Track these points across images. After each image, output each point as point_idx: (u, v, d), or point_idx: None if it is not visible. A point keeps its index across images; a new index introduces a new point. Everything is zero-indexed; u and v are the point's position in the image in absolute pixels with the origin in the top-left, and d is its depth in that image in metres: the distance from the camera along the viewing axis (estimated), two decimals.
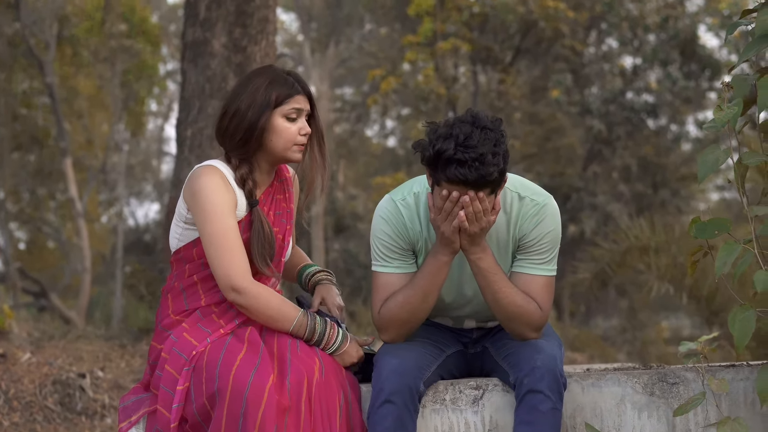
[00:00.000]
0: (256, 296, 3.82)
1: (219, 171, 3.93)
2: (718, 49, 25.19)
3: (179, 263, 4.02)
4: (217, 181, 3.89)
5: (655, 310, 25.35)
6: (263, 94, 3.94)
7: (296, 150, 4.00)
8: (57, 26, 21.91)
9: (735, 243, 3.58)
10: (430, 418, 3.86)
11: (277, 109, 3.95)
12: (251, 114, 3.93)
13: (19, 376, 8.32)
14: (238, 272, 3.81)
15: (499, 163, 3.57)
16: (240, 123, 3.95)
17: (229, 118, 3.98)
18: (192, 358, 3.73)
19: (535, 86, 26.18)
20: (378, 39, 29.09)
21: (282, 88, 3.97)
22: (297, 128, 3.98)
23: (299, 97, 4.00)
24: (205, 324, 3.87)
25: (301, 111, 4.00)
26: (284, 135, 3.96)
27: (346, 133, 30.79)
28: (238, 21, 9.32)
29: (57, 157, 23.21)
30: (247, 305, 3.82)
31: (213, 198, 3.86)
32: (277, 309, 3.85)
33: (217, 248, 3.83)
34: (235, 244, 3.84)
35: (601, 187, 24.58)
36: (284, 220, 4.09)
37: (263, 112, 3.93)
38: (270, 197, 4.08)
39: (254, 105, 3.94)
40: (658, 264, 11.69)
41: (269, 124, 3.95)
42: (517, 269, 3.88)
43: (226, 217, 3.86)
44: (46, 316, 18.06)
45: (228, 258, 3.82)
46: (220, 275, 3.83)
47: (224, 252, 3.82)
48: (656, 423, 3.84)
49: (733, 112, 3.61)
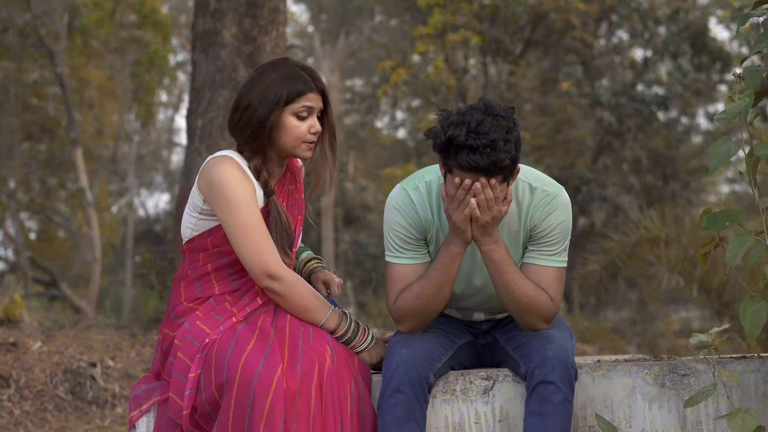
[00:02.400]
0: (292, 284, 3.84)
1: (235, 161, 3.93)
2: (729, 41, 25.16)
3: (192, 252, 4.02)
4: (236, 172, 3.89)
5: (665, 303, 25.36)
6: (275, 90, 3.92)
7: (305, 148, 3.99)
8: (67, 17, 21.95)
9: (746, 234, 3.58)
10: (441, 409, 3.87)
11: (288, 107, 3.94)
12: (261, 110, 3.92)
13: (30, 365, 8.35)
14: (273, 259, 3.83)
15: (510, 150, 3.57)
16: (250, 118, 3.94)
17: (240, 112, 3.97)
18: (204, 346, 3.74)
19: (546, 78, 26.16)
20: (388, 30, 29.08)
21: (294, 85, 3.94)
22: (307, 126, 3.96)
23: (311, 95, 3.97)
24: (218, 312, 3.87)
25: (312, 109, 3.98)
26: (293, 133, 3.95)
27: (356, 124, 30.80)
28: (248, 12, 9.33)
29: (67, 147, 23.25)
30: (284, 292, 3.84)
31: (235, 188, 3.86)
32: (310, 299, 3.87)
33: (248, 237, 3.83)
34: (265, 232, 3.86)
35: (611, 179, 24.56)
36: (296, 210, 4.10)
37: (273, 110, 3.91)
38: (283, 188, 4.09)
39: (265, 101, 3.92)
40: (668, 256, 11.69)
41: (279, 121, 3.93)
42: (528, 260, 3.88)
43: (252, 206, 3.86)
44: (56, 306, 18.11)
45: (260, 246, 3.83)
46: (254, 263, 3.83)
47: (256, 240, 3.83)
48: (667, 414, 3.84)
49: (745, 104, 3.60)
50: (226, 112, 9.33)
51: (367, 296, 18.58)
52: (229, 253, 3.95)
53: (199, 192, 3.95)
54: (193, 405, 3.72)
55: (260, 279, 3.83)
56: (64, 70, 21.04)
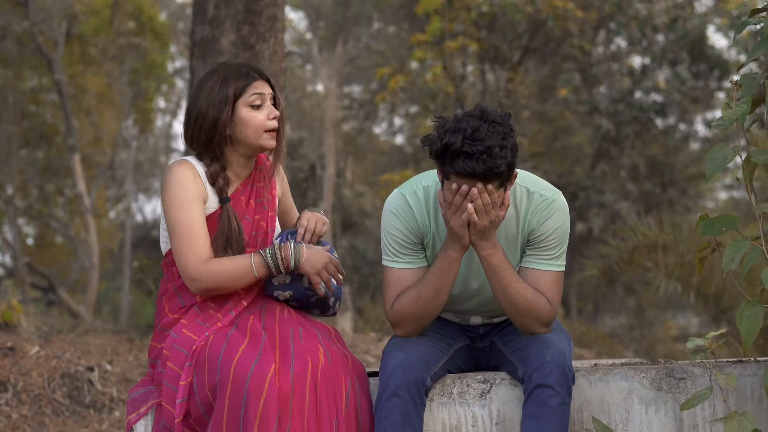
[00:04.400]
0: (209, 276, 3.84)
1: (189, 164, 3.96)
2: (727, 49, 25.19)
3: (168, 266, 4.05)
4: (184, 173, 3.92)
5: (662, 308, 25.36)
6: (219, 92, 3.95)
7: (267, 137, 4.00)
8: (65, 24, 21.98)
9: (743, 239, 3.59)
10: (438, 412, 3.88)
11: (239, 101, 3.96)
12: (212, 113, 3.94)
13: (28, 370, 8.35)
14: (191, 261, 3.84)
15: (506, 156, 3.58)
16: (203, 124, 3.96)
17: (192, 123, 3.99)
18: (193, 353, 3.74)
19: (544, 85, 26.21)
20: (386, 37, 29.11)
21: (237, 80, 3.98)
22: (265, 114, 3.99)
23: (257, 83, 4.00)
24: (203, 319, 3.88)
25: (264, 96, 4.00)
26: (252, 123, 3.96)
27: (354, 130, 30.83)
28: (246, 19, 9.34)
29: (65, 153, 23.28)
30: (207, 288, 3.86)
31: (177, 188, 3.89)
32: (232, 271, 3.86)
33: (179, 238, 3.87)
34: (194, 234, 3.86)
35: (609, 185, 24.59)
36: (266, 207, 4.09)
37: (223, 108, 3.93)
38: (249, 186, 4.09)
39: (213, 104, 3.94)
40: (665, 262, 11.69)
41: (235, 116, 3.95)
42: (526, 264, 3.89)
43: (186, 207, 3.88)
44: (54, 311, 18.12)
45: (184, 248, 3.85)
46: (179, 265, 3.87)
47: (184, 241, 3.86)
48: (663, 417, 3.85)
49: (742, 110, 3.62)
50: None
51: (364, 301, 18.57)
52: None
53: (161, 201, 3.98)
54: (187, 409, 3.73)
55: (186, 282, 3.87)
56: (62, 77, 21.06)
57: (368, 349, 10.90)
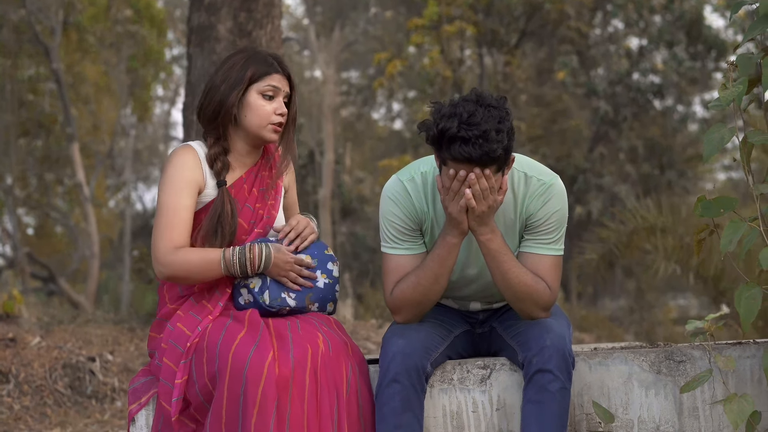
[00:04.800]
0: (180, 264, 3.84)
1: (192, 150, 3.97)
2: (724, 29, 25.18)
3: None
4: (185, 159, 3.94)
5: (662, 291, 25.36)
6: (239, 70, 3.96)
7: (270, 130, 4.00)
8: (62, 12, 21.93)
9: (740, 221, 3.59)
10: (438, 398, 3.89)
11: (253, 86, 3.97)
12: (224, 88, 3.95)
13: (29, 360, 8.36)
14: (160, 246, 3.84)
15: (503, 140, 3.57)
16: (214, 97, 3.97)
17: (205, 94, 4.01)
18: (188, 350, 3.75)
19: (541, 68, 26.18)
20: (383, 22, 29.08)
21: (259, 66, 3.98)
22: (272, 107, 3.98)
23: (277, 76, 4.00)
24: (196, 311, 3.89)
25: (278, 90, 4.00)
26: (258, 112, 3.97)
27: (352, 116, 30.82)
28: (243, 5, 9.32)
29: (64, 142, 23.26)
30: (171, 275, 3.86)
31: (173, 172, 3.91)
32: (199, 263, 3.85)
33: (157, 220, 3.89)
34: (173, 220, 3.86)
35: (607, 168, 24.60)
36: (267, 197, 4.09)
37: (236, 87, 3.94)
38: (254, 175, 4.08)
39: (228, 80, 3.95)
40: (665, 244, 11.69)
41: (244, 99, 3.96)
42: (524, 249, 3.89)
43: (178, 192, 3.89)
44: (54, 301, 18.14)
45: (161, 232, 3.86)
46: (152, 248, 3.88)
47: (161, 225, 3.87)
48: (663, 400, 3.86)
49: (738, 91, 3.61)
50: None
51: (364, 288, 18.60)
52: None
53: None
54: (187, 399, 3.73)
55: (153, 264, 3.88)
56: (59, 66, 21.04)
57: (369, 336, 10.91)
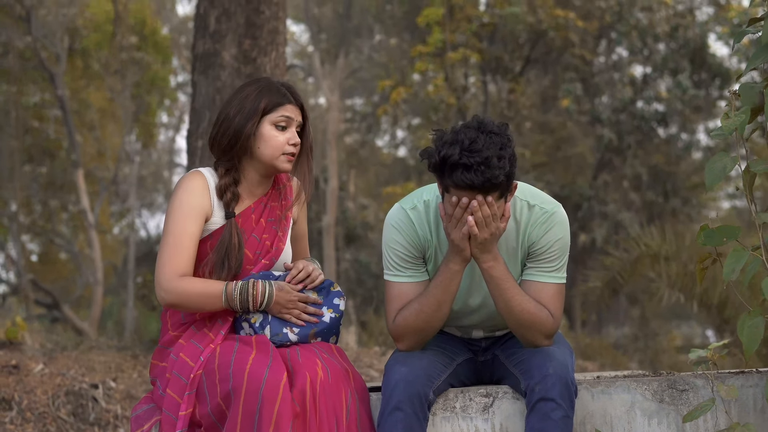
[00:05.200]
0: (178, 294, 3.85)
1: (202, 177, 3.98)
2: (729, 57, 25.20)
3: None
4: (193, 185, 3.95)
5: (667, 319, 25.32)
6: (253, 101, 3.98)
7: (284, 160, 4.01)
8: (68, 39, 22.01)
9: (743, 250, 3.59)
10: (441, 426, 3.88)
11: (266, 117, 3.98)
12: (238, 120, 3.97)
13: (32, 387, 8.35)
14: (165, 273, 3.85)
15: (504, 167, 3.58)
16: (227, 129, 3.98)
17: (219, 124, 4.02)
18: (192, 381, 3.75)
19: (545, 95, 26.22)
20: (388, 49, 29.13)
21: (272, 96, 4.00)
22: (286, 138, 4.00)
23: (290, 107, 4.02)
24: (198, 339, 3.89)
25: (291, 120, 4.02)
26: (272, 143, 3.98)
27: (356, 143, 30.84)
28: (248, 33, 9.34)
29: (69, 168, 23.31)
30: (172, 303, 3.87)
31: (181, 198, 3.92)
32: (200, 293, 3.86)
33: (162, 246, 3.89)
34: (178, 247, 3.88)
35: (611, 195, 24.60)
36: (276, 227, 4.09)
37: (250, 118, 3.96)
38: (263, 205, 4.10)
39: (242, 111, 3.97)
40: (668, 272, 11.69)
41: (257, 131, 3.97)
42: (527, 277, 3.89)
43: (183, 218, 3.90)
44: (58, 328, 18.10)
45: (164, 257, 3.87)
46: (156, 274, 3.89)
47: (166, 251, 3.88)
48: (666, 429, 3.85)
49: (741, 120, 3.62)
50: None
51: (368, 315, 18.58)
52: (201, 276, 3.97)
53: None
54: (197, 420, 3.73)
55: (156, 290, 3.89)
56: (64, 92, 21.09)
57: (372, 363, 10.89)
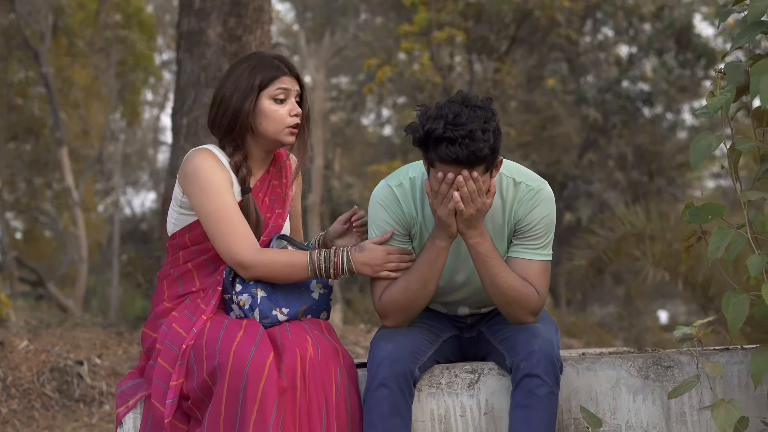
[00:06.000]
0: (265, 265, 3.85)
1: (212, 153, 3.95)
2: (714, 37, 25.23)
3: (174, 250, 4.04)
4: (210, 161, 3.91)
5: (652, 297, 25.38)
6: (247, 78, 3.95)
7: (287, 132, 4.00)
8: (52, 17, 21.89)
9: (728, 227, 3.60)
10: (426, 402, 3.89)
11: (264, 92, 3.96)
12: (236, 99, 3.94)
13: (17, 364, 8.34)
14: (241, 248, 3.84)
15: (489, 140, 3.58)
16: (226, 110, 3.96)
17: (216, 106, 4.00)
18: (184, 352, 3.75)
19: (531, 75, 26.23)
20: (373, 28, 29.09)
21: (266, 71, 3.97)
22: (286, 110, 3.98)
23: (286, 78, 4.00)
24: (190, 310, 3.89)
25: (289, 91, 4.00)
26: (274, 117, 3.96)
27: (341, 122, 30.81)
28: (233, 11, 9.32)
29: (53, 146, 23.22)
30: (259, 276, 3.86)
31: (209, 176, 3.88)
32: (288, 264, 3.87)
33: (218, 225, 3.85)
34: (236, 220, 3.86)
35: (597, 175, 24.64)
36: (276, 205, 4.09)
37: (248, 96, 3.94)
38: (266, 183, 4.09)
39: (238, 90, 3.95)
40: (653, 251, 11.71)
41: (257, 107, 3.95)
42: (513, 254, 3.89)
43: (223, 193, 3.87)
44: (43, 305, 18.09)
45: (229, 234, 3.84)
46: (224, 253, 3.86)
47: (225, 229, 3.84)
48: (651, 406, 3.86)
49: (726, 99, 3.63)
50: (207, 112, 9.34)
51: (353, 293, 18.61)
52: (208, 251, 3.97)
53: (179, 185, 3.97)
54: (185, 394, 3.73)
55: (234, 268, 3.87)
56: (49, 70, 20.99)
57: (357, 341, 10.92)
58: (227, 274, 3.92)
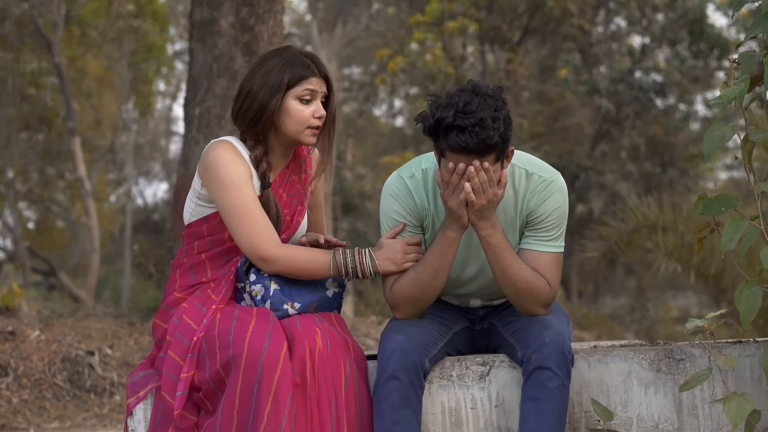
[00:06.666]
0: (287, 260, 3.84)
1: (233, 145, 3.93)
2: (727, 28, 25.15)
3: (189, 239, 4.04)
4: (231, 154, 3.89)
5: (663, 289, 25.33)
6: (276, 75, 3.92)
7: (309, 134, 3.97)
8: (65, 6, 21.91)
9: (741, 219, 3.59)
10: (437, 394, 3.88)
11: (290, 91, 3.93)
12: (263, 95, 3.91)
13: (29, 354, 8.36)
14: (263, 242, 3.82)
15: (499, 128, 3.56)
16: (252, 104, 3.93)
17: (242, 99, 3.97)
18: (194, 345, 3.74)
19: (544, 65, 26.16)
20: (386, 19, 29.05)
21: (296, 70, 3.94)
22: (311, 111, 3.95)
23: (314, 79, 3.96)
24: (200, 301, 3.88)
25: (315, 93, 3.97)
26: (297, 117, 3.94)
27: (354, 112, 30.79)
28: (245, 1, 9.33)
29: (65, 137, 23.26)
30: (280, 270, 3.85)
31: (228, 169, 3.87)
32: (309, 261, 3.86)
33: (239, 219, 3.84)
34: (257, 213, 3.84)
35: (609, 166, 24.59)
36: (296, 201, 4.08)
37: (275, 94, 3.91)
38: (285, 179, 4.07)
39: (266, 86, 3.91)
40: (665, 243, 11.69)
41: (282, 105, 3.92)
42: (525, 246, 3.88)
43: (244, 187, 3.86)
44: (55, 295, 18.12)
45: (251, 228, 3.82)
46: (245, 246, 3.84)
47: (247, 222, 3.83)
48: (662, 399, 3.85)
49: (740, 89, 3.60)
50: (223, 101, 9.34)
51: (364, 284, 18.57)
52: (222, 242, 3.96)
53: (198, 176, 3.95)
54: (196, 386, 3.73)
55: (255, 262, 3.85)
56: (61, 60, 21.03)
57: (369, 333, 10.92)
58: (242, 264, 3.91)
